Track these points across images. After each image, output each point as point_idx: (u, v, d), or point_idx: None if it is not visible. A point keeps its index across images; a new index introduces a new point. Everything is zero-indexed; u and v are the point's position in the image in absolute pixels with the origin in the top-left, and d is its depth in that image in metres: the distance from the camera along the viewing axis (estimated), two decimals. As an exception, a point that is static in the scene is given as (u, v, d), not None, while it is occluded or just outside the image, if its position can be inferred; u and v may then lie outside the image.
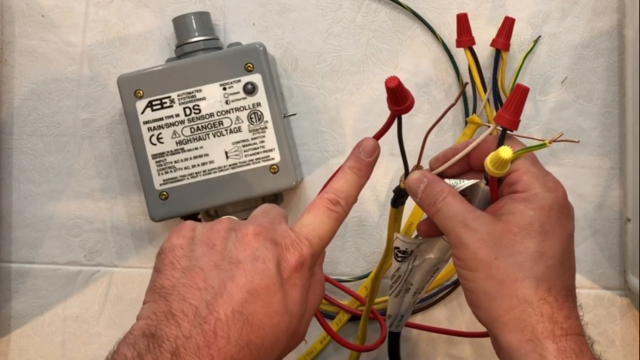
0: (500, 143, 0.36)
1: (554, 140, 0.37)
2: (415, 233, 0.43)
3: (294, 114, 0.54)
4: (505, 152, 0.34)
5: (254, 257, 0.34)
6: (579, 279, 0.54)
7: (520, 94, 0.35)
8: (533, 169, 0.36)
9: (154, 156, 0.51)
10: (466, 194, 0.39)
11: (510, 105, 0.36)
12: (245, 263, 0.34)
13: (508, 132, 0.36)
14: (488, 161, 0.35)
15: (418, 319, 0.55)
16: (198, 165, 0.50)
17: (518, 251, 0.34)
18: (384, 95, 0.54)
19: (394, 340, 0.47)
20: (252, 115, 0.50)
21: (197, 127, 0.50)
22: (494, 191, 0.37)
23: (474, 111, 0.53)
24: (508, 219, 0.35)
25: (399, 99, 0.36)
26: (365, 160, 0.39)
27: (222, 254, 0.34)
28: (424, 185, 0.38)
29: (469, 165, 0.39)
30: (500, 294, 0.34)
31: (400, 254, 0.41)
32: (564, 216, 0.36)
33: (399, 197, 0.41)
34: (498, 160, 0.35)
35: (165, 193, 0.51)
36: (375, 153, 0.39)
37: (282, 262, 0.34)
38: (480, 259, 0.35)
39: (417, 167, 0.40)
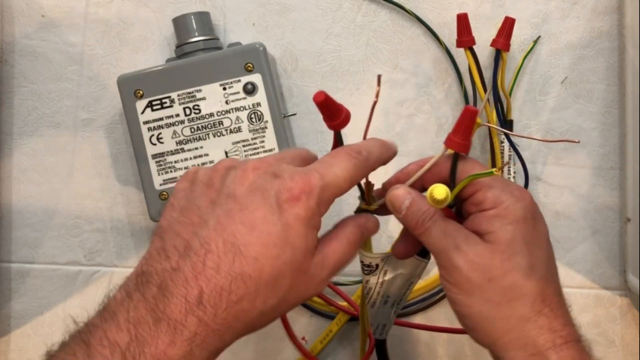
0: (453, 168, 0.36)
1: (502, 168, 0.36)
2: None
3: (294, 114, 0.54)
4: (439, 193, 0.33)
5: (251, 189, 0.33)
6: (579, 279, 0.54)
7: (469, 116, 0.34)
8: (494, 182, 0.36)
9: (154, 156, 0.51)
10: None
11: (459, 128, 0.35)
12: (241, 197, 0.33)
13: (461, 155, 0.36)
14: (428, 195, 0.34)
15: (418, 319, 0.55)
16: (198, 165, 0.50)
17: (509, 269, 0.34)
18: (384, 95, 0.54)
19: (380, 347, 0.47)
20: (252, 115, 0.50)
21: (197, 127, 0.50)
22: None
23: (474, 111, 0.53)
24: (491, 239, 0.34)
25: (330, 113, 0.35)
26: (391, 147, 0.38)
27: (219, 190, 0.34)
28: (408, 201, 0.36)
29: (423, 187, 0.38)
30: (498, 316, 0.34)
31: (366, 268, 0.40)
32: (538, 221, 0.36)
33: None
34: (433, 199, 0.34)
35: (165, 193, 0.51)
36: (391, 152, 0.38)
37: (282, 192, 0.32)
38: (473, 283, 0.34)
39: (368, 184, 0.39)
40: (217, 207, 0.33)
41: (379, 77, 0.37)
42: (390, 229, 0.53)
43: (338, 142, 0.37)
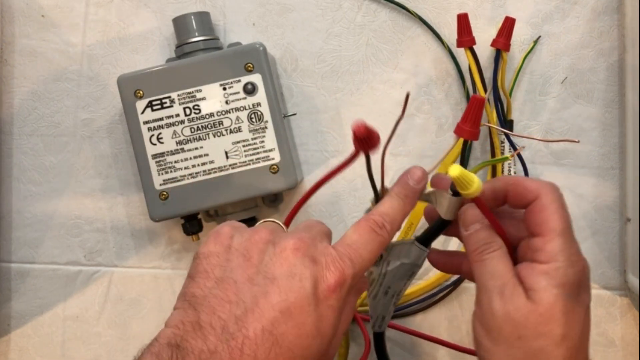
0: (463, 153, 0.36)
1: (515, 154, 0.36)
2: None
3: (294, 114, 0.54)
4: (453, 170, 0.32)
5: (291, 273, 0.33)
6: (579, 279, 0.54)
7: (477, 104, 0.35)
8: (559, 238, 0.34)
9: (154, 156, 0.51)
10: (430, 201, 0.38)
11: (468, 116, 0.36)
12: (280, 279, 0.32)
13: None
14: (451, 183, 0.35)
15: (418, 319, 0.55)
16: (198, 165, 0.50)
17: (542, 334, 0.33)
18: (384, 95, 0.54)
19: (379, 340, 0.47)
20: (252, 115, 0.50)
21: (197, 127, 0.50)
22: (486, 214, 0.36)
23: (474, 111, 0.53)
24: (534, 297, 0.33)
25: (367, 143, 0.35)
26: (412, 187, 0.37)
27: (257, 268, 0.33)
28: (479, 225, 0.36)
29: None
30: None
31: None
32: (583, 290, 0.35)
33: None
34: (452, 180, 0.33)
35: (165, 193, 0.51)
36: (423, 181, 0.37)
37: (320, 282, 0.33)
38: (503, 335, 0.33)
39: (383, 189, 0.39)
40: (254, 287, 0.32)
41: (408, 94, 0.37)
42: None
43: (368, 164, 0.37)
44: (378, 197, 0.39)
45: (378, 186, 0.39)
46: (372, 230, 0.35)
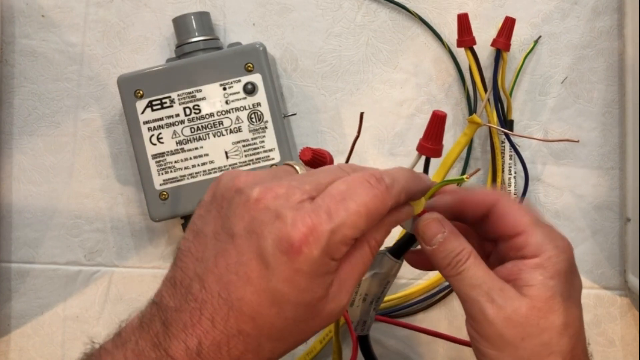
0: (425, 172, 0.35)
1: (472, 175, 0.34)
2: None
3: (294, 114, 0.54)
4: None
5: (249, 230, 0.29)
6: (579, 279, 0.54)
7: (438, 121, 0.34)
8: (537, 229, 0.34)
9: (154, 156, 0.51)
10: None
11: (429, 133, 0.34)
12: (238, 237, 0.29)
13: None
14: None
15: (419, 318, 0.55)
16: (198, 165, 0.50)
17: (544, 328, 0.32)
18: (384, 95, 0.54)
19: (363, 343, 0.46)
20: (252, 115, 0.50)
21: (197, 127, 0.50)
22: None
23: (474, 111, 0.53)
24: (530, 293, 0.32)
25: (318, 165, 0.35)
26: (423, 179, 0.34)
27: (223, 221, 0.30)
28: (442, 236, 0.34)
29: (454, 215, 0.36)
30: None
31: None
32: (575, 275, 0.35)
33: None
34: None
35: (165, 193, 0.51)
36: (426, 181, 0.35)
37: (282, 241, 0.28)
38: (506, 339, 0.32)
39: None
40: (218, 243, 0.30)
41: (362, 114, 0.37)
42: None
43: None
44: None
45: None
46: (365, 181, 0.29)
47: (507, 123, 0.52)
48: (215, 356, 0.29)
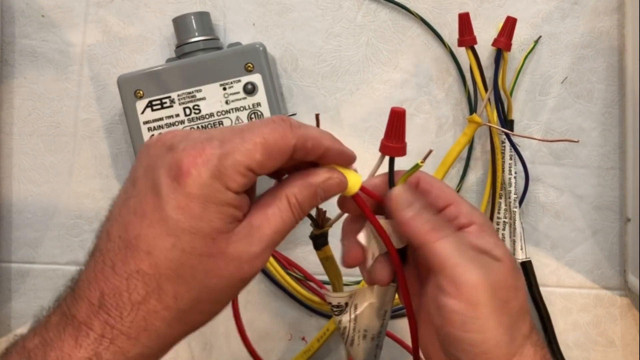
0: (390, 173, 0.34)
1: (426, 158, 0.33)
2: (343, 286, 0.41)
3: (294, 114, 0.54)
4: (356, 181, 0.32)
5: (147, 169, 0.29)
6: (579, 279, 0.54)
7: (398, 117, 0.32)
8: (461, 198, 0.34)
9: (154, 156, 0.51)
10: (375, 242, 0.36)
11: (390, 132, 0.33)
12: (138, 180, 0.29)
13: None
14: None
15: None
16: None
17: (520, 288, 0.32)
18: (384, 95, 0.54)
19: None
20: (252, 116, 0.50)
21: (197, 127, 0.50)
22: (366, 212, 0.34)
23: (475, 110, 0.53)
24: (502, 256, 0.32)
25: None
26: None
27: (136, 170, 0.30)
28: (419, 205, 0.33)
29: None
30: (510, 340, 0.31)
31: (335, 309, 0.38)
32: None
33: (318, 240, 0.38)
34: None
35: (165, 193, 0.51)
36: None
37: (172, 168, 0.28)
38: (493, 305, 0.31)
39: (319, 210, 0.37)
40: (123, 196, 0.30)
41: (317, 115, 0.37)
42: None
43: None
44: (316, 221, 0.37)
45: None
46: (269, 119, 0.30)
47: (507, 123, 0.52)
48: (117, 304, 0.28)
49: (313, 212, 0.37)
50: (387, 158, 0.34)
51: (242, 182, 0.29)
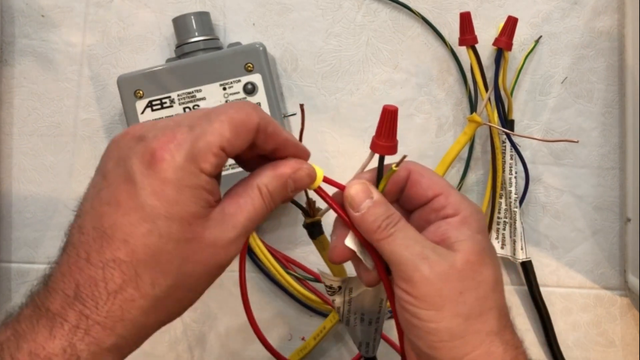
0: (379, 170, 0.34)
1: (399, 164, 0.33)
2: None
3: (294, 114, 0.54)
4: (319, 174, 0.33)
5: (117, 161, 0.29)
6: (579, 279, 0.54)
7: (390, 116, 0.32)
8: (452, 190, 0.34)
9: (154, 156, 0.50)
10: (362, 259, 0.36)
11: (381, 130, 0.33)
12: (108, 173, 0.29)
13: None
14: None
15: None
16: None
17: (480, 281, 0.32)
18: (384, 95, 0.54)
19: None
20: (252, 115, 0.50)
21: (197, 127, 0.50)
22: (329, 201, 0.34)
23: (475, 110, 0.53)
24: (462, 248, 0.32)
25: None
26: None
27: (105, 163, 0.30)
28: (370, 201, 0.33)
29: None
30: (468, 331, 0.31)
31: (329, 289, 0.39)
32: (489, 238, 0.35)
33: (312, 229, 0.38)
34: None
35: (165, 193, 0.51)
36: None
37: (144, 155, 0.28)
38: (445, 296, 0.31)
39: (309, 201, 0.37)
40: (93, 191, 0.30)
41: (302, 105, 0.37)
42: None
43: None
44: (306, 210, 0.38)
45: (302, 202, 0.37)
46: (233, 102, 0.31)
47: (507, 123, 0.52)
48: (93, 294, 0.28)
49: (304, 203, 0.38)
50: (377, 156, 0.34)
51: (215, 162, 0.29)
